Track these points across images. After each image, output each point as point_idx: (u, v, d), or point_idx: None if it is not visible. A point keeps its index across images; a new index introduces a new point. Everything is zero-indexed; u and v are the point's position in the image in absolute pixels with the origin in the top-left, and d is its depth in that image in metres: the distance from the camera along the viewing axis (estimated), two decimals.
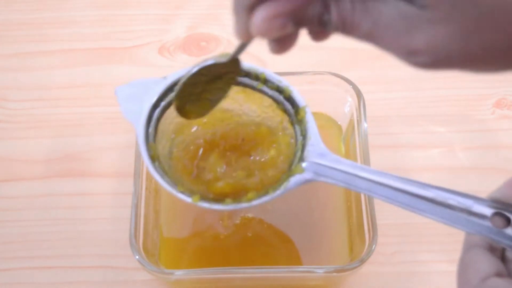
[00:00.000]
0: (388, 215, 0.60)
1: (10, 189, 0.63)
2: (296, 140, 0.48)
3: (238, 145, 0.49)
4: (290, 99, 0.48)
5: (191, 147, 0.49)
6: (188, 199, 0.45)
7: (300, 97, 0.48)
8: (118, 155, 0.64)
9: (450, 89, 0.69)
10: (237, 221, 0.58)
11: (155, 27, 0.74)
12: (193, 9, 0.75)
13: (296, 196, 0.60)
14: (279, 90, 0.49)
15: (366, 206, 0.53)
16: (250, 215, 0.58)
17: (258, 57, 0.64)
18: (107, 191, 0.62)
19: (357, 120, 0.58)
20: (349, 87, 0.58)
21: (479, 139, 0.66)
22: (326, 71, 0.59)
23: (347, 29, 0.33)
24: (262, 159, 0.49)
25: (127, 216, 0.53)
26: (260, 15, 0.33)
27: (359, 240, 0.54)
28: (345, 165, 0.43)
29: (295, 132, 0.48)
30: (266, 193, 0.45)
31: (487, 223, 0.37)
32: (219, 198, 0.46)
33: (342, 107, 0.60)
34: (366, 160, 0.55)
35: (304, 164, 0.45)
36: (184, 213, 0.59)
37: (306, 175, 0.45)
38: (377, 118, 0.66)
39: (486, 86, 0.69)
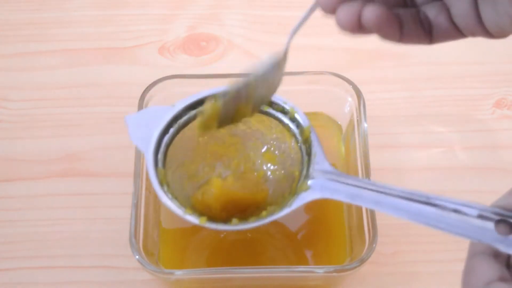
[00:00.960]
0: (388, 215, 0.60)
1: (10, 189, 0.63)
2: (302, 159, 0.49)
3: (248, 168, 0.51)
4: (294, 120, 0.50)
5: (199, 170, 0.51)
6: (196, 221, 0.46)
7: (304, 117, 0.50)
8: (118, 155, 0.64)
9: (450, 89, 0.69)
10: None
11: (155, 27, 0.74)
12: (193, 9, 0.75)
13: None
14: (284, 111, 0.50)
15: None
16: None
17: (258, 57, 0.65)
18: (107, 191, 0.63)
19: (357, 120, 0.58)
20: (349, 87, 0.58)
21: (479, 139, 0.66)
22: (326, 71, 0.59)
23: None
24: (270, 177, 0.51)
25: (127, 216, 0.53)
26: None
27: (359, 240, 0.54)
28: (350, 180, 0.44)
29: (301, 151, 0.49)
30: (272, 212, 0.46)
31: (491, 230, 0.37)
32: (225, 218, 0.47)
33: (342, 107, 0.60)
34: (366, 160, 0.55)
35: (309, 182, 0.46)
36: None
37: (312, 193, 0.46)
38: (377, 118, 0.66)
39: (486, 86, 0.69)
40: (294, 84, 0.58)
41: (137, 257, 0.50)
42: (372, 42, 0.72)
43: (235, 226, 0.46)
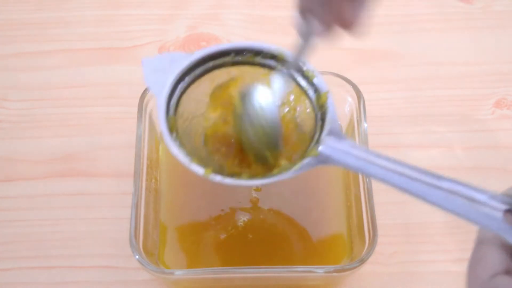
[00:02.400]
0: (388, 215, 0.60)
1: (10, 189, 0.63)
2: (316, 124, 0.48)
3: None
4: (313, 84, 0.49)
5: (215, 122, 0.50)
6: (201, 171, 0.45)
7: (323, 82, 0.48)
8: (118, 155, 0.64)
9: (450, 89, 0.69)
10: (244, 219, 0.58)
11: (155, 27, 0.74)
12: (193, 9, 0.75)
13: (296, 196, 0.60)
14: (304, 74, 0.49)
15: (366, 206, 0.53)
16: (249, 216, 0.58)
17: None
18: (107, 191, 0.63)
19: (357, 120, 0.58)
20: (349, 87, 0.58)
21: (479, 139, 0.66)
22: (326, 71, 0.59)
23: None
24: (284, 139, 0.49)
25: (127, 216, 0.53)
26: None
27: (359, 240, 0.54)
28: (360, 150, 0.43)
29: (316, 116, 0.48)
30: (278, 172, 0.45)
31: (499, 219, 0.36)
32: (233, 173, 0.47)
33: (342, 107, 0.60)
34: None
35: (320, 148, 0.45)
36: (185, 213, 0.59)
37: (320, 158, 0.45)
38: (377, 118, 0.66)
39: (486, 86, 0.69)
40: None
41: (137, 257, 0.50)
42: (372, 42, 0.73)
43: (238, 181, 0.45)
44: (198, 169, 0.45)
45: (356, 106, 0.58)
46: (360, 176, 0.55)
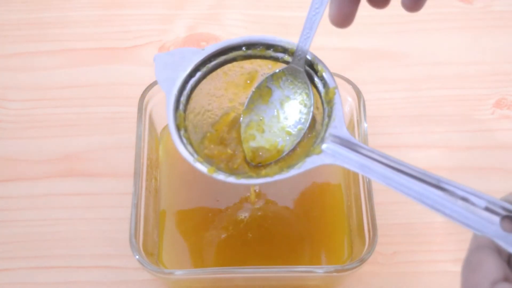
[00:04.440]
0: (388, 215, 0.60)
1: (10, 189, 0.63)
2: (322, 121, 0.48)
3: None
4: (322, 79, 0.49)
5: (225, 119, 0.51)
6: (204, 170, 0.45)
7: (331, 78, 0.48)
8: (118, 155, 0.64)
9: (450, 89, 0.69)
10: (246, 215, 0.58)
11: (155, 27, 0.74)
12: (193, 9, 0.75)
13: (295, 196, 0.60)
14: (313, 68, 0.49)
15: (366, 206, 0.53)
16: (248, 215, 0.58)
17: None
18: (107, 191, 0.63)
19: (357, 120, 0.58)
20: (349, 87, 0.58)
21: (479, 139, 0.66)
22: None
23: None
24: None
25: (127, 216, 0.53)
26: None
27: (359, 240, 0.54)
28: (364, 150, 0.43)
29: (323, 111, 0.48)
30: (281, 171, 0.45)
31: (496, 225, 0.36)
32: (237, 171, 0.47)
33: (342, 107, 0.60)
34: None
35: (323, 146, 0.45)
36: (185, 213, 0.59)
37: (323, 157, 0.44)
38: (377, 118, 0.66)
39: (486, 86, 0.69)
40: None
41: (137, 257, 0.50)
42: (372, 42, 0.73)
43: (241, 180, 0.45)
44: (202, 168, 0.45)
45: (356, 106, 0.58)
46: (360, 176, 0.55)
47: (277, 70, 0.49)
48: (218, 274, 0.52)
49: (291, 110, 0.50)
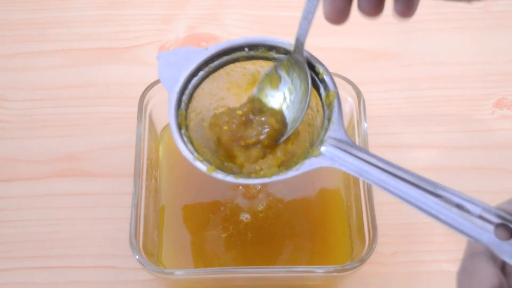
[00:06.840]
0: (388, 215, 0.60)
1: (11, 189, 0.63)
2: (322, 123, 0.48)
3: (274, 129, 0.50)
4: (323, 81, 0.49)
5: (228, 119, 0.50)
6: (203, 168, 0.46)
7: (332, 81, 0.48)
8: (118, 155, 0.64)
9: (450, 89, 0.69)
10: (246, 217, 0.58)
11: (155, 27, 0.74)
12: (193, 9, 0.75)
13: (295, 196, 0.60)
14: (315, 71, 0.49)
15: (366, 206, 0.53)
16: (249, 216, 0.58)
17: None
18: (107, 191, 0.63)
19: (357, 120, 0.58)
20: (349, 87, 0.58)
21: (479, 139, 0.66)
22: None
23: None
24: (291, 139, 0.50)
25: (127, 216, 0.53)
26: None
27: (359, 240, 0.54)
28: (362, 154, 0.43)
29: (324, 114, 0.48)
30: (279, 172, 0.46)
31: (490, 232, 0.36)
32: (236, 170, 0.47)
33: (342, 107, 0.60)
34: None
35: (322, 149, 0.45)
36: (185, 213, 0.59)
37: (322, 159, 0.45)
38: (377, 118, 0.66)
39: (486, 86, 0.69)
40: None
41: (137, 257, 0.50)
42: (372, 42, 0.73)
43: (239, 179, 0.45)
44: (201, 166, 0.46)
45: (356, 106, 0.58)
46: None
47: (284, 60, 0.49)
48: (218, 274, 0.52)
49: (295, 97, 0.50)
